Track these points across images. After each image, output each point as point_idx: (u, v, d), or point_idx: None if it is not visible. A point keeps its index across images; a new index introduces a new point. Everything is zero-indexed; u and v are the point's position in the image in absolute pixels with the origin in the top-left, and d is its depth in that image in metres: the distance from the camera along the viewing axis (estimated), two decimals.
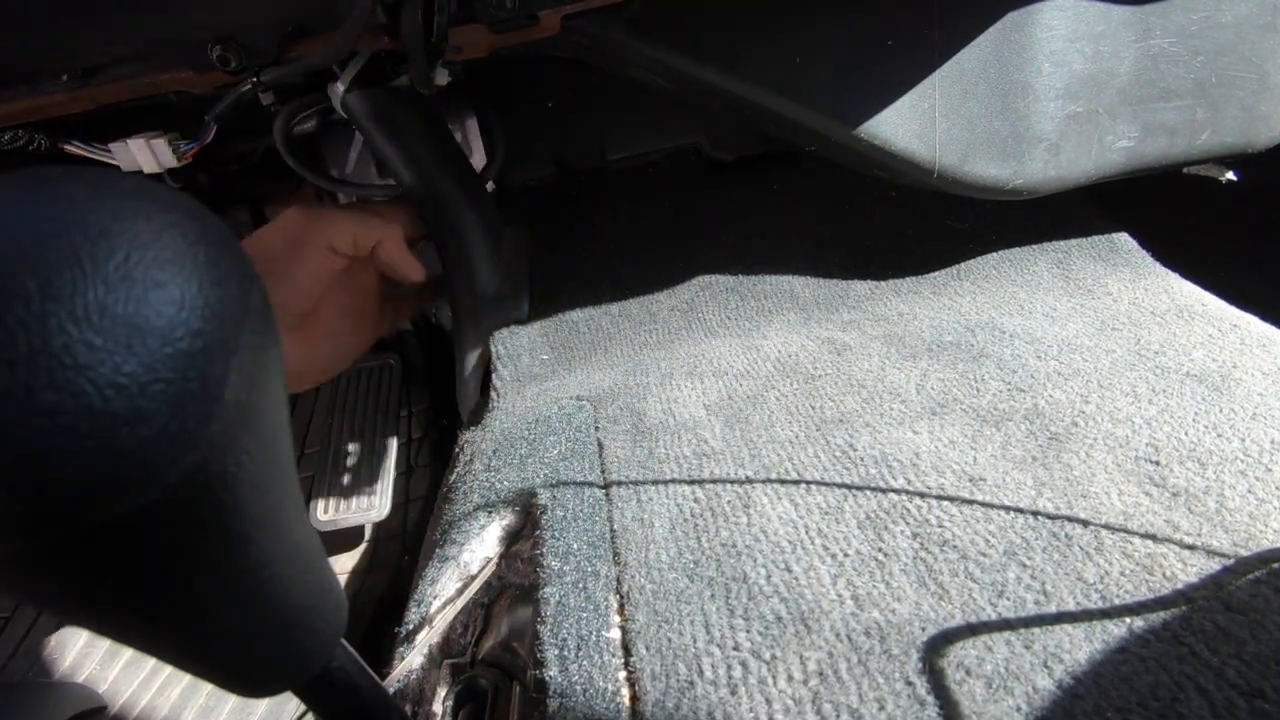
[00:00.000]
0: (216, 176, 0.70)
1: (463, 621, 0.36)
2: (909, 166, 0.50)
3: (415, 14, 0.37)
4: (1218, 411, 0.38)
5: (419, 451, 0.81)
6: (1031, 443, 0.37)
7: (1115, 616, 0.27)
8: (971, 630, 0.27)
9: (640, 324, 0.57)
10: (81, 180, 0.12)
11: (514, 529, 0.38)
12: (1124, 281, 0.55)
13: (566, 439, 0.42)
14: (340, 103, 0.48)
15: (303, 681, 0.18)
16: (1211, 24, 0.51)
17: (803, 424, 0.41)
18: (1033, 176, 0.52)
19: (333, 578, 0.18)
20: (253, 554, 0.15)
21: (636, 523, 0.35)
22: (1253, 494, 0.32)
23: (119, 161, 0.48)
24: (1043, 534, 0.31)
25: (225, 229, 0.14)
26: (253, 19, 0.38)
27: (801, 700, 0.25)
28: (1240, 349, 0.44)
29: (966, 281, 0.58)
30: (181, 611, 0.14)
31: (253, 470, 0.14)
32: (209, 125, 0.47)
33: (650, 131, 0.76)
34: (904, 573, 0.30)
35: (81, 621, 0.14)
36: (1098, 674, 0.25)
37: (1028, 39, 0.49)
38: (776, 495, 0.35)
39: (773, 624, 0.28)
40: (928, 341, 0.48)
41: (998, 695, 0.25)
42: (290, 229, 0.45)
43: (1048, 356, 0.45)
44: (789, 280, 0.60)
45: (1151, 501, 0.32)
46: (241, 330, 0.13)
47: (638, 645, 0.29)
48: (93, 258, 0.11)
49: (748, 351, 0.50)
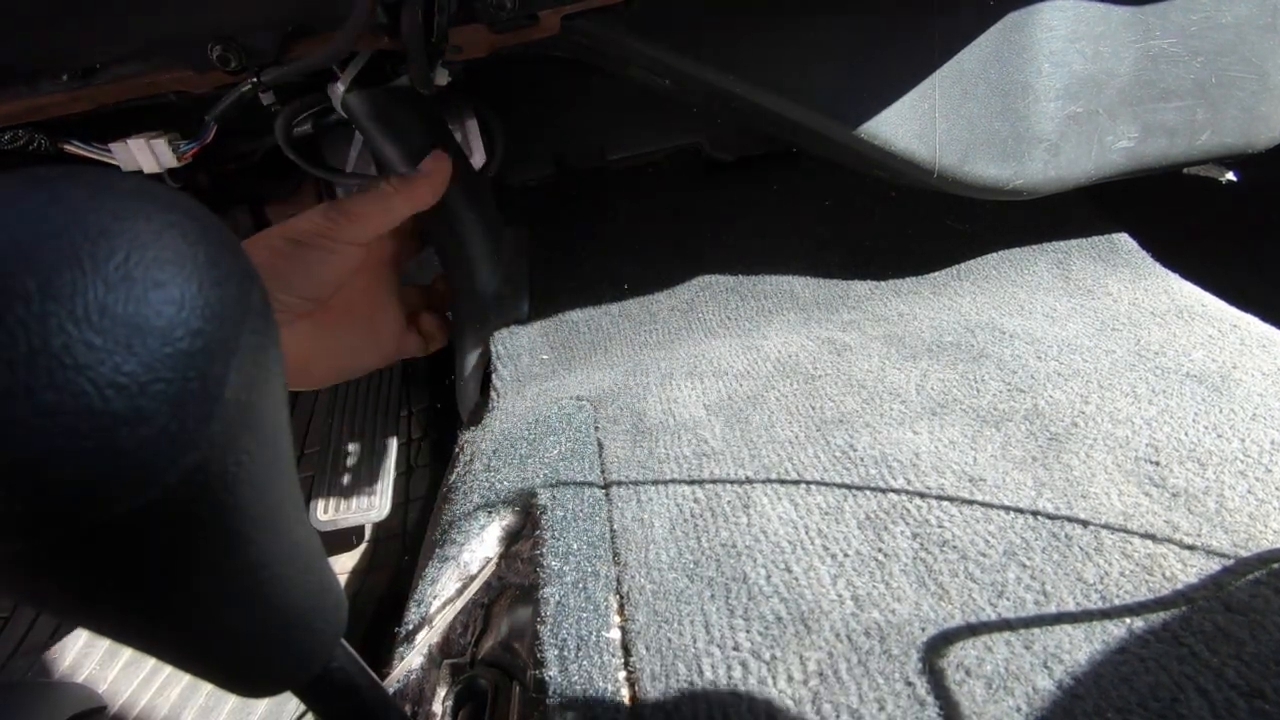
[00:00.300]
0: (216, 177, 0.70)
1: (463, 621, 0.36)
2: (909, 166, 0.50)
3: (415, 14, 0.37)
4: (1218, 412, 0.38)
5: (419, 451, 0.81)
6: (1031, 443, 0.37)
7: (1115, 617, 0.27)
8: (971, 630, 0.27)
9: (640, 324, 0.57)
10: (81, 180, 0.12)
11: (514, 529, 0.38)
12: (1124, 282, 0.55)
13: (566, 439, 0.42)
14: (340, 103, 0.48)
15: (303, 682, 0.18)
16: (1211, 24, 0.51)
17: (803, 424, 0.41)
18: (1033, 177, 0.52)
19: (333, 578, 0.18)
20: (252, 554, 0.15)
21: (636, 523, 0.35)
22: (1252, 494, 0.32)
23: (119, 161, 0.48)
24: (1043, 534, 0.31)
25: (225, 229, 0.14)
26: (253, 19, 0.38)
27: (801, 700, 0.25)
28: (1240, 349, 0.44)
29: (966, 282, 0.58)
30: (181, 612, 0.14)
31: (253, 470, 0.14)
32: (209, 125, 0.47)
33: (650, 131, 0.76)
34: (904, 573, 0.30)
35: (81, 621, 0.14)
36: (1098, 674, 0.25)
37: (1028, 39, 0.49)
38: (776, 495, 0.35)
39: (773, 624, 0.28)
40: (928, 342, 0.48)
41: (998, 695, 0.25)
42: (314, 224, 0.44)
43: (1048, 357, 0.45)
44: (789, 280, 0.60)
45: (1151, 502, 0.32)
46: (241, 330, 0.13)
47: (638, 645, 0.29)
48: (93, 258, 0.11)
49: (748, 352, 0.50)
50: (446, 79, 0.47)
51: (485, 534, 0.38)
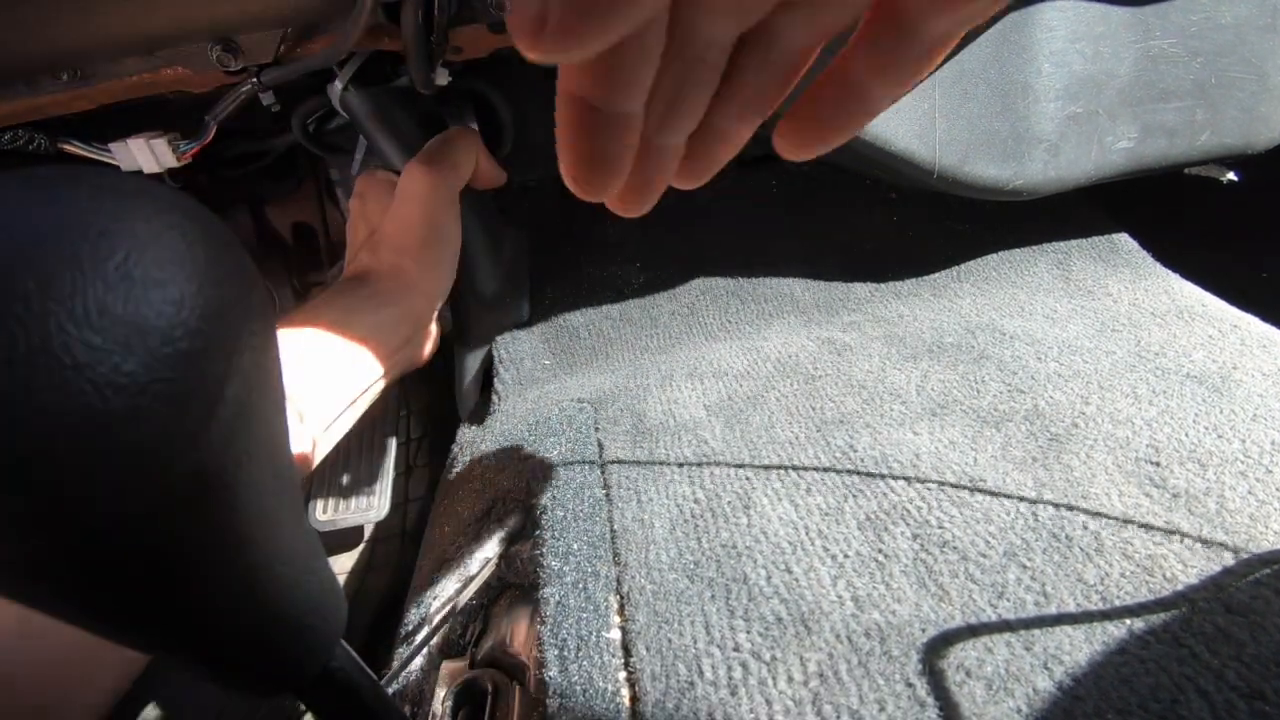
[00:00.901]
0: (216, 177, 0.70)
1: (462, 622, 0.36)
2: (909, 167, 0.50)
3: (415, 14, 0.37)
4: (1218, 413, 0.38)
5: (418, 451, 0.81)
6: (1032, 444, 0.37)
7: (1115, 618, 0.27)
8: (972, 632, 0.27)
9: (641, 328, 0.57)
10: (81, 180, 0.12)
11: (514, 529, 0.38)
12: (1124, 282, 0.55)
13: (567, 440, 0.42)
14: (339, 102, 0.48)
15: (302, 682, 0.18)
16: (1211, 25, 0.51)
17: (803, 425, 0.41)
18: (1033, 177, 0.52)
19: (332, 578, 0.18)
20: (252, 554, 0.15)
21: (637, 523, 0.35)
22: (1253, 495, 0.32)
23: (119, 161, 0.48)
24: (1043, 535, 0.31)
25: (226, 229, 0.14)
26: (253, 19, 0.38)
27: (802, 701, 0.25)
28: (1241, 350, 0.44)
29: (966, 283, 0.58)
30: (180, 612, 0.14)
31: (252, 470, 0.14)
32: (208, 125, 0.47)
33: None
34: (904, 574, 0.30)
35: (79, 621, 0.14)
36: (1098, 676, 0.25)
37: (1028, 39, 0.49)
38: (777, 496, 0.35)
39: (773, 625, 0.28)
40: (928, 343, 0.48)
41: (998, 697, 0.25)
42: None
43: (1048, 358, 0.45)
44: (789, 284, 0.60)
45: (1152, 503, 0.32)
46: (242, 330, 0.13)
47: (638, 646, 0.29)
48: (92, 258, 0.11)
49: (748, 353, 0.50)
50: (446, 79, 0.47)
51: (485, 534, 0.38)
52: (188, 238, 0.13)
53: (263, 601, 0.15)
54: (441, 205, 0.44)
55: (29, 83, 0.39)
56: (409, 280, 0.44)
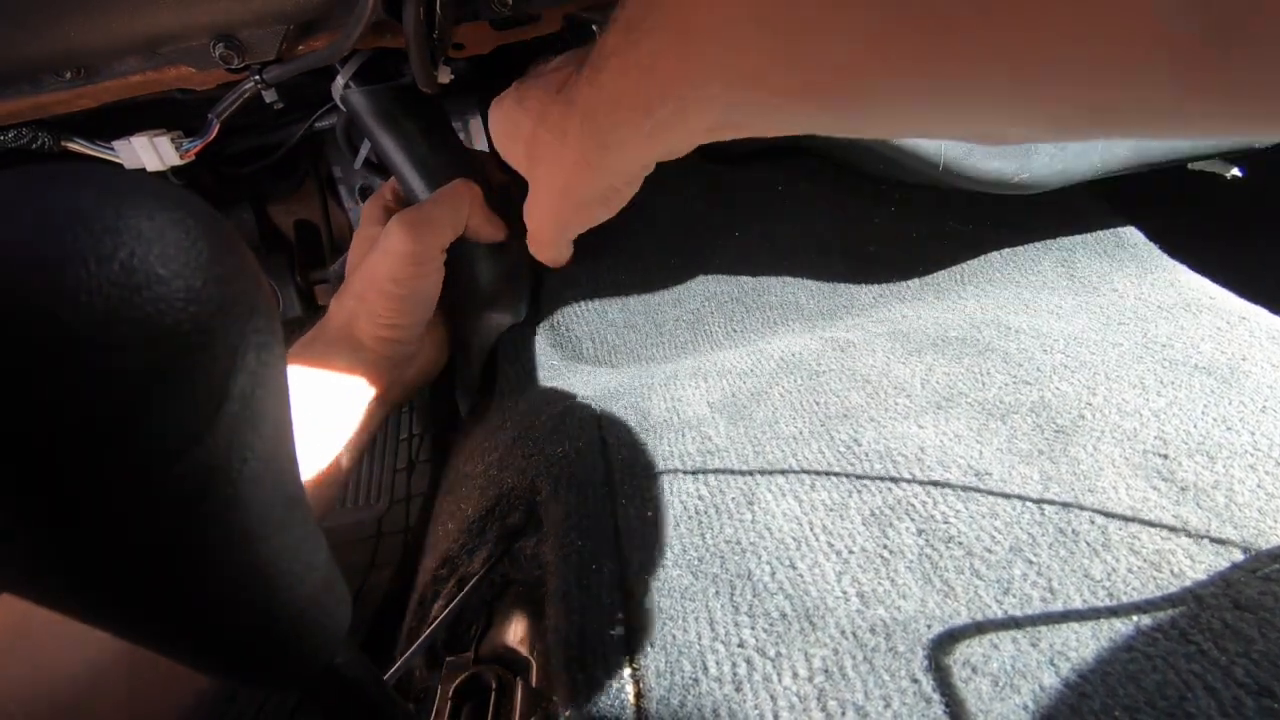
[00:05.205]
0: (220, 175, 0.70)
1: (466, 618, 0.36)
2: (914, 160, 0.50)
3: (417, 11, 0.37)
4: (1226, 404, 0.37)
5: (420, 447, 0.81)
6: (1038, 436, 0.37)
7: (1122, 614, 0.27)
8: (978, 627, 0.27)
9: (646, 336, 0.56)
10: (85, 178, 0.12)
11: (517, 526, 0.38)
12: (1130, 277, 0.55)
13: (570, 437, 0.42)
14: (340, 100, 0.48)
15: (307, 678, 0.18)
16: None
17: (807, 420, 0.41)
18: (1038, 171, 0.52)
19: (337, 575, 0.18)
20: (257, 551, 0.15)
21: (640, 520, 0.35)
22: (1262, 488, 0.32)
23: (122, 159, 0.48)
24: (1049, 529, 0.31)
25: (230, 227, 0.14)
26: (255, 17, 0.38)
27: (806, 697, 0.25)
28: (1249, 341, 0.43)
29: (971, 285, 0.57)
30: (184, 609, 0.14)
31: (257, 467, 0.14)
32: (211, 123, 0.47)
33: None
34: (909, 569, 0.30)
35: (84, 616, 0.14)
36: (1105, 672, 0.25)
37: None
38: (781, 491, 0.35)
39: (777, 621, 0.28)
40: (932, 337, 0.48)
41: (1004, 693, 0.24)
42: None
43: (1054, 350, 0.44)
44: (793, 291, 0.59)
45: (1160, 496, 0.32)
46: (246, 328, 0.13)
47: (642, 642, 0.29)
48: (97, 255, 0.11)
49: (752, 354, 0.50)
50: (449, 76, 0.46)
51: (488, 531, 0.38)
52: (192, 235, 0.13)
53: (268, 598, 0.15)
54: (409, 265, 0.44)
55: (33, 81, 0.39)
56: (358, 336, 0.45)
